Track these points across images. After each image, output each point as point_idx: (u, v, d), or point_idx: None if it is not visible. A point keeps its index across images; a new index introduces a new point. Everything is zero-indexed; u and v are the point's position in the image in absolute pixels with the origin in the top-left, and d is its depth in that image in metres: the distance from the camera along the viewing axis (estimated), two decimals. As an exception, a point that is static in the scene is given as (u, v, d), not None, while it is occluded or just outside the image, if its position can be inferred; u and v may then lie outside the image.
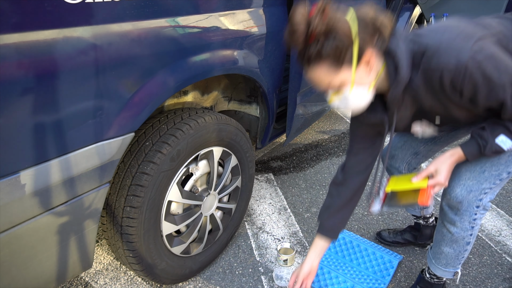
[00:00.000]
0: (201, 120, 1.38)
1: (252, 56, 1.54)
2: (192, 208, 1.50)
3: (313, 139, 3.00)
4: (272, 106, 1.80)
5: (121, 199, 1.25)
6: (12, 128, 0.85)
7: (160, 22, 1.12)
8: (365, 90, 1.03)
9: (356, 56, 0.96)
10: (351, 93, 1.02)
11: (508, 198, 2.20)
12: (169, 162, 1.28)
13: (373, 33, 0.97)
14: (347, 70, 0.98)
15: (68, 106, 0.94)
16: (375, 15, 0.97)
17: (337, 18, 0.93)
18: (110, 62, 1.00)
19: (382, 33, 0.98)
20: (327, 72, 0.98)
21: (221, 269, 1.72)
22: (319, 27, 0.92)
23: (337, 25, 0.93)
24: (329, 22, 0.93)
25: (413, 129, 1.25)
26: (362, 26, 0.95)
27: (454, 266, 1.38)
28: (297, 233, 1.95)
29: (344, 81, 1.00)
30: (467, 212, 1.23)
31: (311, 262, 1.39)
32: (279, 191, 2.31)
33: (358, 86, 1.02)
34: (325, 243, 1.40)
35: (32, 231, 0.96)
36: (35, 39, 0.83)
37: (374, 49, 0.98)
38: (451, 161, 1.16)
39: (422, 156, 1.52)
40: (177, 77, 1.21)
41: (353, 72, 0.98)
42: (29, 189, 0.91)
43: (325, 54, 0.94)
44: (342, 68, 0.97)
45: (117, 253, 1.37)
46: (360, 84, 1.01)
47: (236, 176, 1.70)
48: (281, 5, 1.68)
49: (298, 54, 1.01)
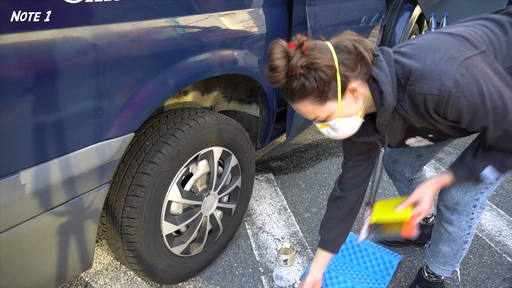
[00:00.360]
0: (201, 120, 1.38)
1: (252, 56, 1.54)
2: (192, 208, 1.50)
3: (313, 139, 3.00)
4: (272, 106, 1.80)
5: (121, 199, 1.25)
6: (12, 128, 0.85)
7: (160, 22, 1.12)
8: (353, 118, 1.03)
9: (340, 87, 0.95)
10: (339, 123, 1.02)
11: (508, 198, 2.20)
12: (169, 162, 1.28)
13: (356, 61, 0.96)
14: (333, 101, 0.97)
15: (68, 106, 0.94)
16: (354, 41, 0.96)
17: (317, 49, 0.93)
18: (110, 62, 1.00)
19: (365, 58, 0.96)
20: (313, 106, 0.97)
21: (221, 269, 1.72)
22: (300, 61, 0.91)
23: (318, 56, 0.91)
24: (309, 55, 0.92)
25: (407, 142, 1.25)
26: (343, 55, 0.94)
27: (453, 265, 1.38)
28: (297, 233, 1.95)
29: (331, 112, 0.99)
30: (464, 212, 1.23)
31: (314, 274, 1.41)
32: (279, 191, 2.31)
33: (346, 116, 1.01)
34: (327, 256, 1.42)
35: (32, 231, 0.96)
36: (35, 39, 0.83)
37: (358, 76, 0.97)
38: (435, 188, 1.16)
39: (425, 158, 1.52)
40: (177, 77, 1.21)
41: (339, 103, 0.97)
42: (29, 189, 0.91)
43: (309, 89, 0.93)
44: (327, 100, 0.96)
45: (117, 253, 1.37)
46: (347, 114, 1.01)
47: (236, 176, 1.70)
48: (281, 5, 1.69)
49: (281, 90, 0.99)
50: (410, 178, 1.58)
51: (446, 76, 0.90)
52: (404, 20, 3.69)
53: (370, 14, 2.47)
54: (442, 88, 0.91)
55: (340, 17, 2.04)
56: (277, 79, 0.94)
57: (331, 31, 1.96)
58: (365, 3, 2.41)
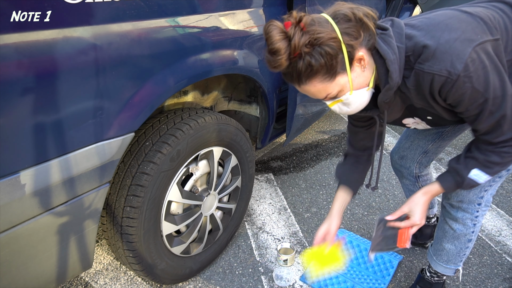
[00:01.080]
0: (201, 120, 1.38)
1: (252, 56, 1.54)
2: (192, 208, 1.50)
3: (313, 139, 3.00)
4: (272, 106, 1.80)
5: (121, 199, 1.25)
6: (12, 128, 0.85)
7: (160, 22, 1.12)
8: (365, 90, 0.98)
9: (347, 58, 0.90)
10: (351, 96, 0.97)
11: (508, 198, 2.20)
12: (169, 162, 1.28)
13: (358, 28, 0.90)
14: (343, 75, 0.92)
15: (68, 106, 0.94)
16: (352, 8, 0.91)
17: (316, 23, 0.87)
18: (110, 62, 1.00)
19: (366, 24, 0.91)
20: (322, 84, 0.92)
21: (221, 269, 1.72)
22: (302, 39, 0.85)
23: (319, 31, 0.86)
24: (309, 31, 0.86)
25: (404, 122, 1.22)
26: (344, 24, 0.89)
27: (456, 263, 1.38)
28: (297, 233, 1.95)
29: (342, 87, 0.94)
30: (469, 210, 1.23)
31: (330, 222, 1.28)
32: (279, 191, 2.31)
33: (357, 88, 0.97)
34: (347, 196, 1.32)
35: (32, 231, 0.96)
36: (35, 39, 0.83)
37: (362, 44, 0.92)
38: (425, 200, 1.14)
39: (432, 154, 1.50)
40: (177, 77, 1.21)
41: (349, 75, 0.93)
42: (29, 189, 0.91)
43: (316, 66, 0.88)
44: (336, 75, 0.91)
45: (117, 253, 1.37)
46: (358, 85, 0.96)
47: (236, 176, 1.70)
48: (281, 5, 1.69)
49: (284, 74, 0.94)
50: (417, 175, 1.57)
51: (459, 58, 0.88)
52: (404, 20, 3.69)
53: (370, 14, 2.47)
54: (452, 70, 0.89)
55: (340, 17, 2.03)
56: (279, 63, 0.87)
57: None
58: (365, 3, 2.40)
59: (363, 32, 0.91)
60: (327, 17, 0.90)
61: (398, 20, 1.00)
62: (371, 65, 0.97)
